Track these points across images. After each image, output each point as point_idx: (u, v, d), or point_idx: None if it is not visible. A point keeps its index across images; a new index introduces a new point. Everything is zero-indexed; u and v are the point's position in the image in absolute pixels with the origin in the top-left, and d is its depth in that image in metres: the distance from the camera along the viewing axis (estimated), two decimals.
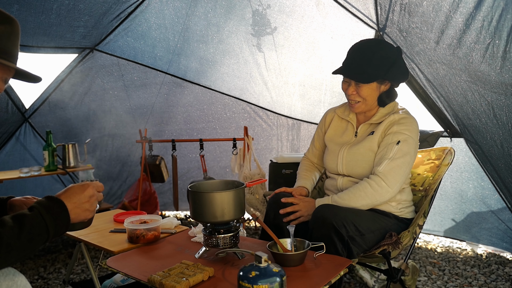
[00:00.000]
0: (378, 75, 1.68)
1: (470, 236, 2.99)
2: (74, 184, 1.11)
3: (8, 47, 1.04)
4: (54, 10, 2.60)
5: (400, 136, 1.67)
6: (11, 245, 0.89)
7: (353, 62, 1.71)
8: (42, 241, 0.96)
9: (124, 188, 4.04)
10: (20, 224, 0.92)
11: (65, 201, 1.03)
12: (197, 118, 3.82)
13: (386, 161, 1.64)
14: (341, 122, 1.93)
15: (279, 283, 1.02)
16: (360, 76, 1.68)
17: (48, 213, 0.98)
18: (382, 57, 1.68)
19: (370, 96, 1.73)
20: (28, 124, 3.55)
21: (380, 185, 1.63)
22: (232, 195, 1.40)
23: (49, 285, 2.48)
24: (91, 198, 1.09)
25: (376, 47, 1.70)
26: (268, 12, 2.83)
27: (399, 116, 1.73)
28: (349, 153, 1.78)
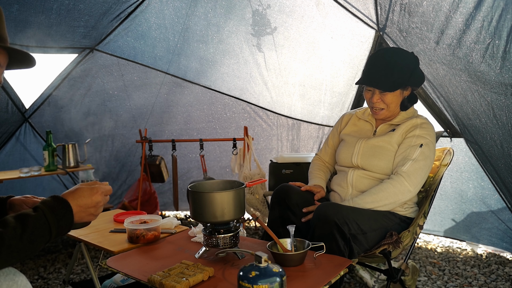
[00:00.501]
0: (402, 82, 1.74)
1: (470, 236, 2.99)
2: (84, 185, 1.09)
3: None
4: (54, 10, 2.60)
5: (422, 140, 1.73)
6: (12, 246, 0.89)
7: (376, 71, 1.75)
8: (44, 242, 0.96)
9: (124, 188, 4.04)
10: (23, 225, 0.92)
11: (72, 202, 1.02)
12: (197, 118, 3.82)
13: (410, 162, 1.68)
14: (360, 121, 1.97)
15: (279, 283, 1.02)
16: (385, 85, 1.73)
17: (52, 213, 0.97)
18: (403, 65, 1.74)
19: (394, 102, 1.79)
20: (28, 124, 3.55)
21: (402, 184, 1.66)
22: (232, 195, 1.40)
23: (49, 285, 2.48)
24: (98, 203, 1.08)
25: (398, 56, 1.76)
26: (268, 12, 2.84)
27: (421, 121, 1.79)
28: (367, 145, 1.82)
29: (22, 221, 0.92)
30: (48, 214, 0.96)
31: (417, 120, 1.79)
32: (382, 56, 1.78)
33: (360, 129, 1.94)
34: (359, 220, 1.55)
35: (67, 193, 1.06)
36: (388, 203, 1.68)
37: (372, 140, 1.82)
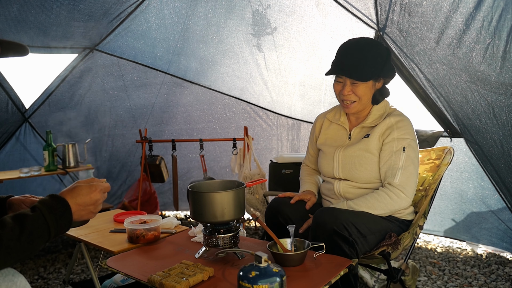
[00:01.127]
0: (375, 72, 1.67)
1: (470, 236, 2.99)
2: (82, 183, 1.08)
3: None
4: (54, 10, 2.60)
5: (403, 142, 1.66)
6: (10, 247, 0.88)
7: (348, 60, 1.68)
8: (43, 241, 0.95)
9: (124, 188, 4.04)
10: (21, 226, 0.91)
11: (70, 201, 1.02)
12: (197, 118, 3.82)
13: (399, 172, 1.63)
14: (333, 126, 1.89)
15: (279, 283, 1.02)
16: (358, 74, 1.65)
17: (50, 213, 0.96)
18: (376, 55, 1.67)
19: (366, 95, 1.70)
20: (28, 124, 3.55)
21: (399, 197, 1.63)
22: (232, 195, 1.40)
23: (49, 285, 2.48)
24: (97, 201, 1.07)
25: (370, 46, 1.70)
26: (268, 12, 2.83)
27: (395, 119, 1.70)
28: (345, 155, 1.74)
29: (20, 222, 0.92)
30: (46, 214, 0.96)
31: (391, 119, 1.70)
32: (354, 45, 1.71)
33: (335, 136, 1.86)
34: (357, 224, 1.54)
35: (65, 192, 1.05)
36: (384, 213, 1.65)
37: (349, 150, 1.74)
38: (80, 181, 1.10)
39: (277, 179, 3.03)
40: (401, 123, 1.70)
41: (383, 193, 1.64)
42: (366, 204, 1.64)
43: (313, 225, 1.57)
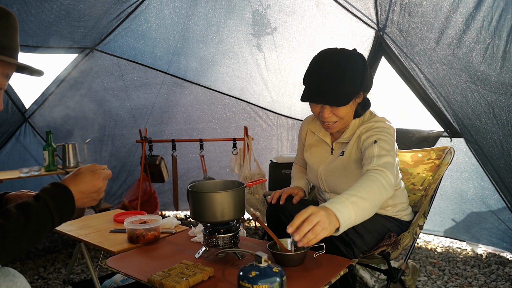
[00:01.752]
0: (354, 92, 1.55)
1: (470, 236, 2.99)
2: (84, 169, 1.08)
3: (6, 42, 1.01)
4: (54, 10, 2.60)
5: (373, 137, 1.55)
6: (17, 238, 0.88)
7: (324, 85, 1.53)
8: (47, 230, 0.96)
9: (124, 188, 4.04)
10: (26, 216, 0.91)
11: (73, 189, 1.02)
12: (197, 118, 3.82)
13: (375, 158, 1.48)
14: (315, 138, 1.84)
15: (279, 283, 1.02)
16: (336, 99, 1.53)
17: (54, 201, 0.96)
18: (354, 71, 1.53)
19: (348, 113, 1.61)
20: (28, 124, 3.55)
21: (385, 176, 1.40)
22: (232, 195, 1.40)
23: (49, 285, 2.48)
24: (100, 189, 1.08)
25: (345, 62, 1.53)
26: (268, 12, 2.84)
27: (364, 127, 1.63)
28: (327, 173, 1.71)
29: (25, 212, 0.91)
30: (50, 203, 0.96)
31: (360, 129, 1.62)
32: (328, 65, 1.54)
33: (318, 150, 1.79)
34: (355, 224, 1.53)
35: (68, 179, 1.05)
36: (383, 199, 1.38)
37: (331, 167, 1.69)
38: (82, 167, 1.09)
39: (277, 179, 3.03)
40: (369, 127, 1.62)
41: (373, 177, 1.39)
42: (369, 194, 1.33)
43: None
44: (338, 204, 1.24)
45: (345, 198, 1.28)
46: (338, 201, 1.26)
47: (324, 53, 1.59)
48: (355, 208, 1.26)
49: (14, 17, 1.05)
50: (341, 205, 1.24)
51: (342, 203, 1.25)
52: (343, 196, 1.29)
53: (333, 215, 1.21)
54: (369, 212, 1.34)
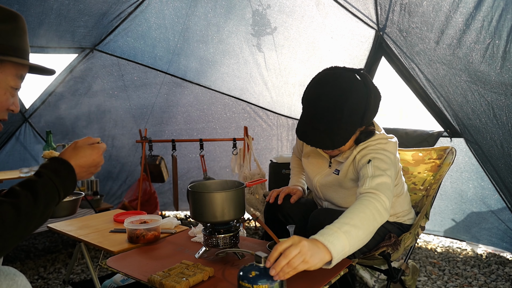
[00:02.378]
0: (353, 129, 1.44)
1: (470, 236, 2.99)
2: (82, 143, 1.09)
3: (17, 44, 1.03)
4: (54, 10, 2.60)
5: (367, 157, 1.47)
6: (29, 214, 0.90)
7: (318, 123, 1.41)
8: (55, 204, 0.98)
9: (124, 188, 4.04)
10: (33, 192, 0.92)
11: (73, 163, 1.03)
12: (197, 118, 3.82)
13: (368, 180, 1.38)
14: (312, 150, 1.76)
15: (279, 283, 1.02)
16: (332, 143, 1.43)
17: (57, 176, 0.98)
18: (352, 108, 1.39)
19: (347, 145, 1.53)
20: (28, 124, 3.55)
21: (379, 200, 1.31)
22: (232, 195, 1.40)
23: (49, 285, 2.48)
24: (98, 163, 1.10)
25: (343, 97, 1.38)
26: (268, 12, 2.84)
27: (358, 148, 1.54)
28: (322, 185, 1.68)
29: (31, 188, 0.93)
30: (53, 177, 0.97)
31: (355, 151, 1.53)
32: (323, 99, 1.41)
33: (316, 159, 1.72)
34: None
35: (67, 153, 1.06)
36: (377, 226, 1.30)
37: (326, 180, 1.65)
38: (78, 141, 1.10)
39: (277, 179, 3.03)
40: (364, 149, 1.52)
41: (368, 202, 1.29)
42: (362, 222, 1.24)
43: (309, 226, 1.57)
44: (330, 236, 1.14)
45: (337, 227, 1.18)
46: (330, 232, 1.16)
47: (322, 84, 1.45)
48: (348, 238, 1.16)
49: (22, 19, 1.06)
50: (333, 236, 1.15)
51: (334, 234, 1.15)
52: (335, 226, 1.19)
53: (323, 248, 1.11)
54: (363, 241, 1.24)
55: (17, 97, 1.09)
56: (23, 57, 1.05)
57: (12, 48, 1.01)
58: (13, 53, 1.02)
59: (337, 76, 1.44)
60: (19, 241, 0.91)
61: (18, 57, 1.03)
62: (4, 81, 1.02)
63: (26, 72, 1.10)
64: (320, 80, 1.47)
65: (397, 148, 1.58)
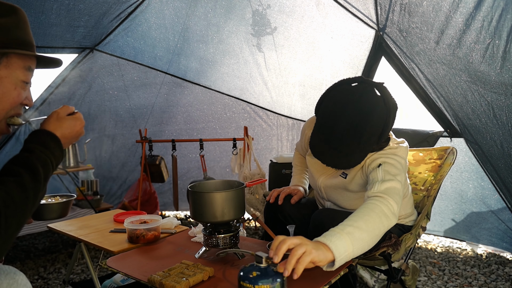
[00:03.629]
0: (370, 149, 1.44)
1: (470, 236, 2.99)
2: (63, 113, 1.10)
3: (21, 37, 1.03)
4: (54, 10, 2.60)
5: (379, 160, 1.46)
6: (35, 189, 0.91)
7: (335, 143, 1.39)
8: (51, 175, 0.99)
9: (124, 188, 4.04)
10: (32, 168, 0.93)
11: (58, 134, 1.05)
12: (197, 118, 3.82)
13: (377, 184, 1.37)
14: None
15: (280, 283, 1.02)
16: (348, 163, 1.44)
17: (47, 148, 0.99)
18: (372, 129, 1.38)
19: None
20: (28, 124, 3.55)
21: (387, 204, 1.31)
22: (232, 195, 1.40)
23: (49, 285, 2.48)
24: (80, 135, 1.14)
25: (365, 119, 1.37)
26: (268, 12, 2.84)
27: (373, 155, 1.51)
28: (327, 186, 1.67)
29: (28, 165, 0.94)
30: (44, 151, 0.99)
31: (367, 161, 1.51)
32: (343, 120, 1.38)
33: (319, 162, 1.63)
34: None
35: (50, 124, 1.06)
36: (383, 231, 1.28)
37: (331, 181, 1.64)
38: (58, 110, 1.10)
39: (277, 179, 3.03)
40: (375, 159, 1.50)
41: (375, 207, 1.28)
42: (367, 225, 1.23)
43: (311, 226, 1.56)
44: (332, 236, 1.14)
45: (340, 229, 1.17)
46: (332, 233, 1.16)
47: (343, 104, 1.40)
48: (351, 240, 1.15)
49: (22, 12, 1.06)
50: (335, 237, 1.14)
51: (337, 235, 1.14)
52: (338, 228, 1.18)
53: (325, 248, 1.11)
54: (368, 244, 1.22)
55: (29, 91, 1.10)
56: (27, 49, 1.05)
57: (15, 41, 1.01)
58: (17, 46, 1.01)
59: (359, 96, 1.40)
60: (29, 217, 0.93)
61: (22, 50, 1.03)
62: (13, 75, 1.02)
63: (35, 64, 1.09)
64: (341, 100, 1.42)
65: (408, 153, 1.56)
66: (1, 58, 0.99)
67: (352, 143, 1.38)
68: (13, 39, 1.01)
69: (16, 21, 1.03)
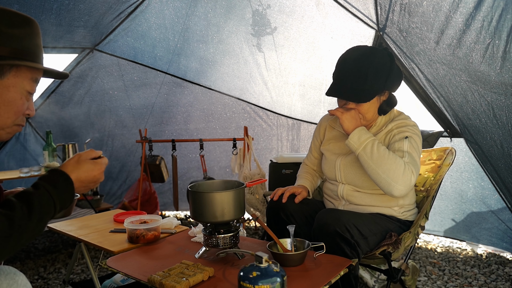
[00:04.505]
0: (378, 89, 1.60)
1: (470, 236, 2.99)
2: (85, 157, 1.07)
3: (32, 48, 1.04)
4: (54, 10, 2.60)
5: (405, 133, 1.62)
6: (22, 227, 0.89)
7: (347, 80, 1.60)
8: (50, 217, 0.96)
9: (124, 188, 4.04)
10: (29, 204, 0.91)
11: (73, 176, 1.02)
12: (197, 118, 3.82)
13: (406, 154, 1.55)
14: (335, 132, 1.86)
15: (280, 283, 1.02)
16: (359, 96, 1.59)
17: (54, 188, 0.97)
18: (378, 69, 1.58)
19: (371, 111, 1.66)
20: (28, 124, 3.55)
21: (409, 172, 1.51)
22: (232, 195, 1.40)
23: (49, 285, 2.48)
24: (98, 180, 1.09)
25: (370, 59, 1.58)
26: (268, 12, 2.84)
27: (395, 124, 1.68)
28: (346, 164, 1.72)
29: (27, 200, 0.92)
30: (50, 189, 0.96)
31: (392, 124, 1.68)
32: (352, 62, 1.60)
33: (337, 143, 1.81)
34: (359, 226, 1.53)
35: (69, 166, 1.05)
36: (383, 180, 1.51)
37: (349, 158, 1.71)
38: (81, 154, 1.09)
39: (277, 179, 3.03)
40: (402, 123, 1.67)
41: (401, 160, 1.52)
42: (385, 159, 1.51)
43: (315, 227, 1.57)
44: (361, 130, 1.59)
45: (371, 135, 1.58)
46: (364, 131, 1.59)
47: (350, 50, 1.65)
48: (371, 143, 1.54)
49: (36, 24, 1.07)
50: (364, 132, 1.58)
51: (367, 133, 1.58)
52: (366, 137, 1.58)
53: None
54: (372, 160, 1.53)
55: (32, 101, 1.10)
56: (37, 61, 1.06)
57: (27, 53, 1.03)
58: (28, 57, 1.03)
59: (364, 46, 1.67)
60: (11, 253, 0.90)
61: (33, 62, 1.04)
62: (20, 85, 1.03)
63: (41, 76, 1.10)
64: (348, 50, 1.67)
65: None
66: (11, 67, 1.00)
67: (360, 78, 1.57)
68: (25, 51, 1.02)
69: (30, 32, 1.04)
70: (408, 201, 1.76)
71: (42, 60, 1.09)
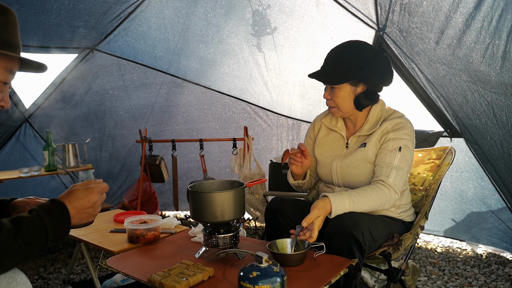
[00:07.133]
0: (349, 75, 1.61)
1: (470, 236, 2.99)
2: (78, 186, 1.07)
3: (7, 38, 1.02)
4: (54, 10, 2.60)
5: (400, 142, 1.61)
6: (6, 247, 0.88)
7: (325, 65, 1.69)
8: (41, 244, 0.94)
9: (124, 188, 4.04)
10: (17, 227, 0.90)
11: (68, 205, 1.01)
12: (197, 118, 3.82)
13: (394, 171, 1.57)
14: (330, 133, 1.85)
15: (280, 283, 1.02)
16: (330, 78, 1.65)
17: (47, 215, 0.95)
18: (353, 57, 1.62)
19: (344, 101, 1.66)
20: (28, 124, 3.55)
21: (392, 196, 1.57)
22: (232, 195, 1.40)
23: (49, 285, 2.48)
24: (95, 203, 1.07)
25: (350, 49, 1.65)
26: (268, 12, 2.84)
27: (391, 124, 1.66)
28: (342, 166, 1.71)
29: (16, 223, 0.91)
30: (43, 216, 0.95)
31: (387, 124, 1.66)
32: (336, 49, 1.68)
33: (332, 145, 1.81)
34: (372, 229, 1.52)
35: (63, 196, 1.04)
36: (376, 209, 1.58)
37: (346, 160, 1.70)
38: (76, 184, 1.09)
39: (277, 179, 3.03)
40: (398, 125, 1.65)
41: (382, 190, 1.56)
42: (364, 199, 1.54)
43: (331, 227, 1.52)
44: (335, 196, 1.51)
45: (344, 193, 1.53)
46: (336, 194, 1.51)
47: (344, 42, 1.71)
48: (349, 200, 1.50)
49: (13, 13, 1.05)
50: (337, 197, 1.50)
51: (339, 196, 1.51)
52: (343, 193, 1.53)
53: (327, 202, 1.48)
54: (364, 209, 1.53)
55: (6, 92, 1.07)
56: (13, 51, 1.03)
57: (1, 42, 1.00)
58: (2, 46, 1.00)
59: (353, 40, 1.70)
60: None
61: (7, 51, 1.01)
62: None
63: (17, 67, 1.08)
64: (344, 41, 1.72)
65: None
66: None
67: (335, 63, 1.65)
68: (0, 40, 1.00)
69: (5, 21, 1.02)
70: (404, 201, 1.74)
71: (19, 51, 1.06)
